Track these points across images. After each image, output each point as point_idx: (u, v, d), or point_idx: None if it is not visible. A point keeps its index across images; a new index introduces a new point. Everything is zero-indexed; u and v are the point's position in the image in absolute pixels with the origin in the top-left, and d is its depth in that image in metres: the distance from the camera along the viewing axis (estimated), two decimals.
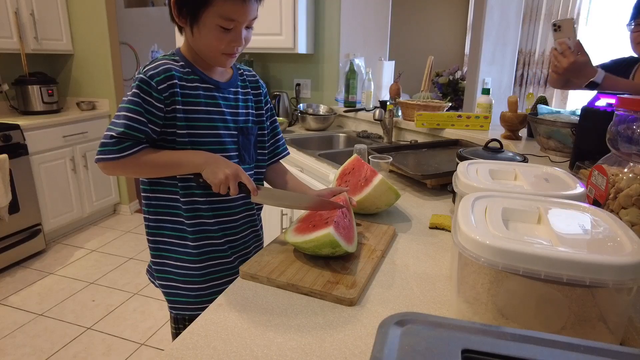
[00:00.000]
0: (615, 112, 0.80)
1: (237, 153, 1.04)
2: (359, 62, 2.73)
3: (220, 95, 1.01)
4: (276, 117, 1.19)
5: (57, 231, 3.18)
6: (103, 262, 2.87)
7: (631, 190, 0.75)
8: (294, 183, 1.16)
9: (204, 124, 0.97)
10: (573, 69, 1.43)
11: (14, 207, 2.71)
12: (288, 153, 1.22)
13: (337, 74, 2.87)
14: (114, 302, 2.40)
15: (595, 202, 0.83)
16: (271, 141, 1.17)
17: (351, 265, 0.83)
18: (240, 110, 1.05)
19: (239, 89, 1.06)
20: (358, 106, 2.72)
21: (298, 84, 2.98)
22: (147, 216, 1.04)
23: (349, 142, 2.49)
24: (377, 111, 2.23)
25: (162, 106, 0.92)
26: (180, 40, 1.02)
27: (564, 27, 1.41)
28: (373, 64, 2.80)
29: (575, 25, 1.41)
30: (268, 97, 1.16)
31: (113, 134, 0.88)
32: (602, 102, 1.29)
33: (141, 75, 0.91)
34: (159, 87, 0.90)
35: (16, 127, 2.73)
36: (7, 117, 2.98)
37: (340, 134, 2.57)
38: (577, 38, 1.44)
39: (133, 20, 4.73)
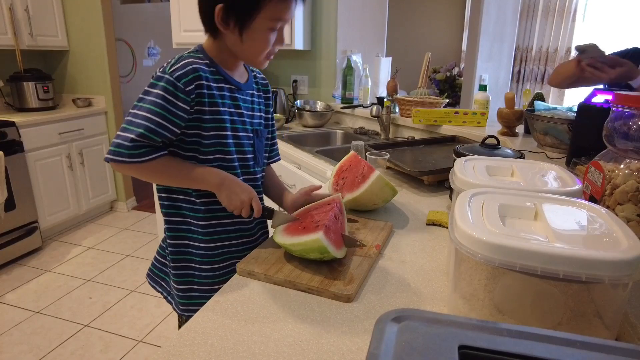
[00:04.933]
0: (612, 109, 0.80)
1: (252, 155, 1.03)
2: (356, 58, 2.72)
3: (241, 97, 1.00)
4: (274, 122, 1.19)
5: (53, 228, 3.17)
6: (100, 259, 2.86)
7: (627, 186, 0.75)
8: (273, 182, 1.17)
9: (228, 125, 0.96)
10: (621, 78, 1.48)
11: (9, 205, 2.70)
12: (280, 158, 1.22)
13: (334, 70, 2.87)
14: (111, 300, 2.40)
15: (592, 199, 0.83)
16: (269, 143, 1.17)
17: (348, 262, 0.83)
18: (255, 113, 1.05)
19: (254, 91, 1.06)
20: (355, 103, 2.72)
21: (295, 81, 2.97)
22: (165, 218, 1.02)
23: (346, 139, 2.49)
24: (375, 108, 2.23)
25: (188, 107, 0.89)
26: (177, 37, 1.01)
27: (589, 50, 1.50)
28: (370, 61, 2.79)
29: (598, 47, 1.50)
30: (272, 100, 1.16)
31: (132, 135, 0.84)
32: (598, 99, 1.29)
33: (167, 76, 0.87)
34: (186, 89, 0.87)
35: (11, 124, 2.72)
36: (2, 114, 2.96)
37: (338, 131, 2.57)
38: (606, 54, 1.51)
39: (129, 17, 4.70)
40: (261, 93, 1.10)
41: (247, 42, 0.91)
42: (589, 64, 1.50)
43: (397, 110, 2.38)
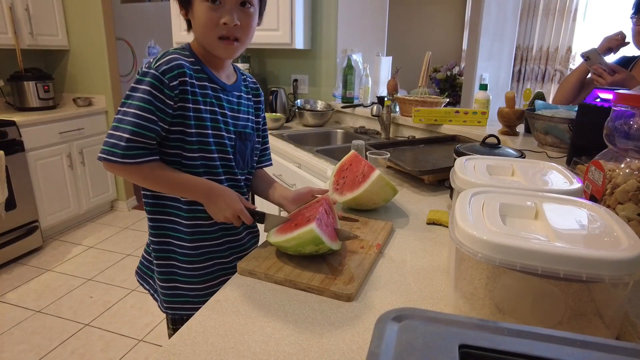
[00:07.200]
0: (613, 108, 0.80)
1: (232, 157, 1.03)
2: (357, 57, 2.72)
3: (225, 97, 1.00)
4: (266, 127, 1.20)
5: (54, 228, 3.17)
6: (100, 258, 2.87)
7: (628, 185, 0.75)
8: (277, 188, 1.14)
9: (208, 124, 0.95)
10: (617, 85, 1.57)
11: (10, 204, 2.70)
12: (271, 164, 1.22)
13: (334, 69, 2.87)
14: (111, 299, 2.40)
15: (592, 198, 0.83)
16: (261, 148, 1.17)
17: (349, 261, 0.83)
18: (241, 115, 1.04)
19: (242, 94, 1.06)
20: (355, 102, 2.72)
21: (295, 80, 2.97)
22: (149, 216, 1.02)
23: (347, 138, 2.49)
24: (375, 107, 2.23)
25: (172, 103, 0.89)
26: (177, 36, 1.02)
27: (592, 57, 1.65)
28: (370, 60, 2.79)
29: (600, 53, 1.65)
30: (263, 104, 1.16)
31: (127, 135, 0.84)
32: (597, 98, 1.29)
33: (152, 71, 0.87)
34: (171, 84, 0.88)
35: (12, 123, 2.72)
36: (3, 114, 2.97)
37: (338, 130, 2.57)
38: (607, 62, 1.65)
39: (129, 16, 4.70)
40: (251, 96, 1.10)
41: (195, 25, 0.93)
42: (593, 71, 1.66)
43: (397, 109, 2.38)
